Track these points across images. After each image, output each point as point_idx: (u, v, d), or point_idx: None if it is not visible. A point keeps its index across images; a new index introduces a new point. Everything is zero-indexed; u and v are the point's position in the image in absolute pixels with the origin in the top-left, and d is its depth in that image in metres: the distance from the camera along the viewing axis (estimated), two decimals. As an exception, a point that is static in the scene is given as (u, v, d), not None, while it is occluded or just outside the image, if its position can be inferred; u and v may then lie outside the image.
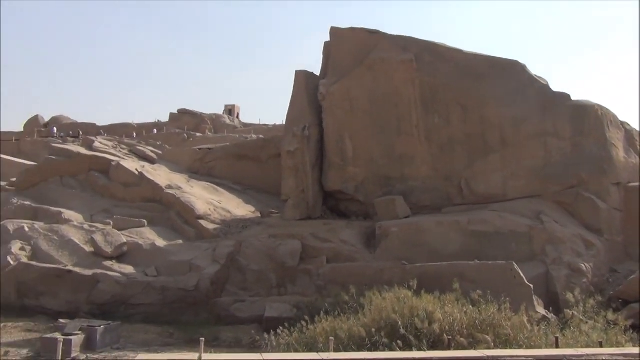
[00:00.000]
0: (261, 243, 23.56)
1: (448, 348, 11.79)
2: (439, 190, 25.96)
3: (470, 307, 13.94)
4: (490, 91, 25.31)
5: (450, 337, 12.31)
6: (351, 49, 27.47)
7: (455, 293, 14.74)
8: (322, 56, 29.45)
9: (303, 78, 29.01)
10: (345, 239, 23.76)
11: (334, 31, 28.48)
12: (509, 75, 25.62)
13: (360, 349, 12.30)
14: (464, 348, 11.82)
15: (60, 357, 11.72)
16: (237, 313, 20.61)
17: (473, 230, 22.66)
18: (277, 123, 54.72)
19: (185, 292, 21.25)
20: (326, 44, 29.14)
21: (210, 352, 9.85)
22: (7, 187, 32.99)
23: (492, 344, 12.09)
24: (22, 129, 60.89)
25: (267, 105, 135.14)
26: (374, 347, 12.34)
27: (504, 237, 22.20)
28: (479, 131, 25.40)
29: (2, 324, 19.36)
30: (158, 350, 16.63)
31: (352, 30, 28.04)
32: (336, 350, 11.81)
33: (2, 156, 45.34)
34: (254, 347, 16.43)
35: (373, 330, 12.77)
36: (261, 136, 41.25)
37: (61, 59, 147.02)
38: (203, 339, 11.25)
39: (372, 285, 17.48)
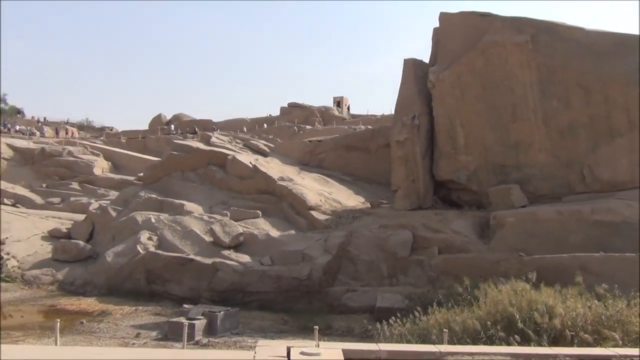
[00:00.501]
0: (372, 233, 23.59)
1: (571, 345, 11.13)
2: (558, 178, 24.54)
3: (595, 301, 13.06)
4: (616, 70, 23.43)
5: (573, 333, 11.61)
6: (461, 33, 26.63)
7: (578, 287, 13.87)
8: (431, 43, 28.83)
9: (412, 66, 28.57)
10: (458, 229, 23.19)
11: (443, 17, 27.74)
12: (635, 52, 23.58)
13: (475, 342, 11.95)
14: (588, 345, 11.11)
15: (185, 340, 12.48)
16: (348, 302, 20.83)
17: (597, 220, 21.17)
18: (385, 113, 54.41)
19: (299, 281, 21.79)
20: (435, 30, 28.47)
21: (324, 340, 10.02)
22: (135, 181, 35.68)
23: (620, 342, 11.26)
24: (147, 127, 65.38)
25: (375, 95, 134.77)
26: (490, 341, 11.93)
27: (632, 228, 20.53)
28: (603, 113, 23.64)
29: (134, 308, 21.03)
30: (274, 337, 17.21)
31: (462, 14, 27.16)
32: (450, 342, 11.57)
33: (131, 153, 49.06)
34: (365, 337, 16.51)
35: (488, 323, 12.34)
36: (370, 127, 41.21)
37: (181, 61, 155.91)
38: (317, 327, 11.47)
39: (486, 277, 16.89)
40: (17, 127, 57.86)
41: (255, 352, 7.31)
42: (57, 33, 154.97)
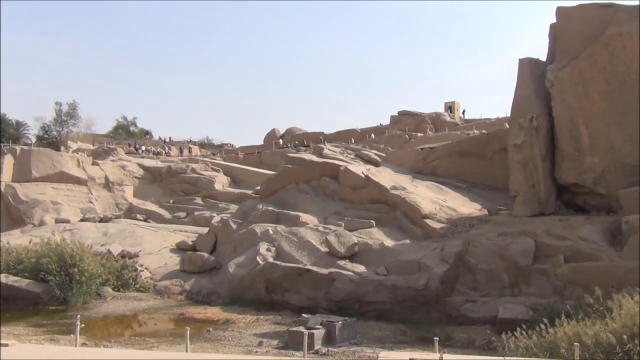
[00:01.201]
0: (490, 242, 22.74)
1: None
2: (700, 177, 22.25)
3: None
4: None
5: None
6: (582, 27, 25.08)
7: None
8: (547, 40, 27.42)
9: (527, 65, 27.33)
10: (585, 236, 21.71)
11: (561, 11, 26.30)
12: None
13: (609, 357, 11.13)
14: None
15: (306, 349, 12.73)
16: (468, 313, 20.19)
17: None
18: (500, 116, 52.41)
19: (415, 291, 21.46)
20: (552, 26, 27.05)
21: (444, 352, 9.79)
22: (253, 194, 37.10)
23: None
24: (262, 142, 67.92)
25: (488, 99, 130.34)
26: (627, 356, 11.04)
27: None
28: None
29: (255, 317, 21.81)
30: (392, 348, 17.07)
31: (582, 6, 25.58)
32: (581, 357, 10.86)
33: (248, 167, 51.16)
34: (488, 349, 15.91)
35: (625, 337, 11.43)
36: (484, 131, 39.89)
37: (291, 75, 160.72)
38: (437, 338, 11.27)
39: (620, 286, 15.69)
40: (144, 148, 62.43)
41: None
42: (177, 59, 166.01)
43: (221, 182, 47.12)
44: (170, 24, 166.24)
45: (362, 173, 30.74)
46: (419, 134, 50.59)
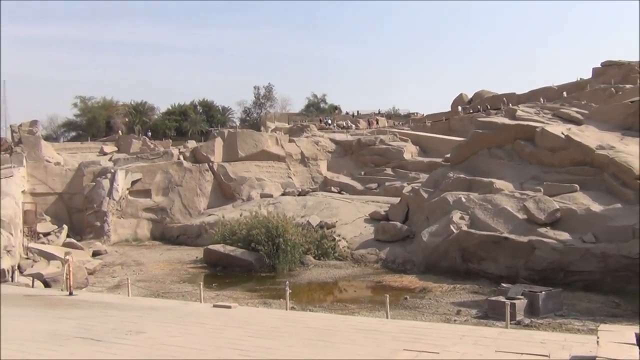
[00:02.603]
0: None
1: None
2: None
3: None
4: None
5: None
6: None
7: None
8: None
9: None
10: None
11: None
12: None
13: None
14: None
15: (508, 319, 12.29)
16: (698, 285, 17.76)
17: None
18: None
19: (630, 259, 19.45)
20: None
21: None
22: (442, 162, 36.46)
23: None
24: (449, 109, 66.25)
25: None
26: None
27: None
28: None
29: (452, 286, 21.62)
30: (604, 321, 15.70)
31: None
32: None
33: (436, 135, 50.41)
34: None
35: None
36: None
37: (476, 37, 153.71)
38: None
39: None
40: (334, 123, 64.73)
41: (598, 337, 6.82)
42: (362, 33, 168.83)
43: (410, 152, 47.15)
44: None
45: (562, 133, 28.39)
46: (628, 86, 45.13)
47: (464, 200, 26.72)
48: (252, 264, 26.42)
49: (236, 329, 11.15)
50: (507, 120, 32.83)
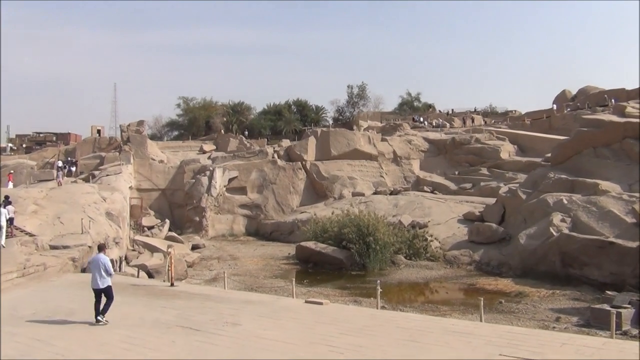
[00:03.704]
0: None
1: None
2: None
3: None
4: None
5: None
6: None
7: None
8: None
9: None
10: None
11: None
12: None
13: None
14: None
15: (613, 329, 11.56)
16: None
17: None
18: None
19: None
20: None
21: None
22: (542, 162, 34.92)
23: None
24: (551, 106, 63.12)
25: None
26: None
27: None
28: None
29: (551, 291, 20.64)
30: None
31: None
32: None
33: (536, 134, 48.27)
34: None
35: None
36: None
37: (576, 29, 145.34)
38: None
39: None
40: (427, 122, 63.59)
41: None
42: (454, 34, 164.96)
43: (507, 151, 45.52)
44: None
45: (677, 132, 26.32)
46: None
47: (565, 201, 25.45)
48: (342, 262, 26.59)
49: (328, 326, 11.28)
50: (615, 118, 30.89)
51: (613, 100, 49.04)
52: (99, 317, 11.27)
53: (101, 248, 12.19)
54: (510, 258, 25.24)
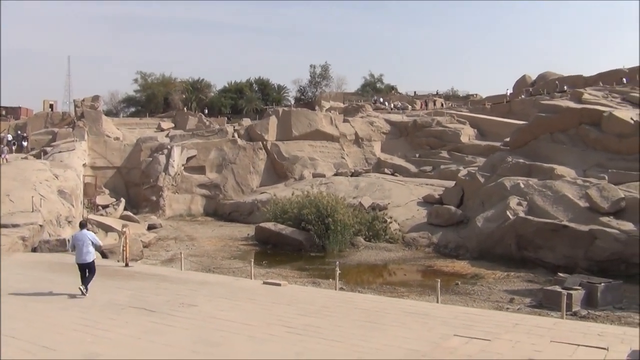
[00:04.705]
0: None
1: None
2: None
3: None
4: None
5: None
6: None
7: None
8: None
9: None
10: None
11: None
12: None
13: None
14: None
15: (564, 310, 11.98)
16: None
17: None
18: None
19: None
20: None
21: None
22: (501, 147, 35.64)
23: None
24: (511, 91, 64.28)
25: None
26: None
27: None
28: None
29: (505, 273, 21.23)
30: (669, 316, 15.11)
31: None
32: None
33: (495, 118, 49.17)
34: None
35: None
36: None
37: (541, 17, 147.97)
38: None
39: None
40: (394, 104, 63.94)
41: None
42: (418, 16, 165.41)
43: (467, 135, 46.26)
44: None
45: (631, 118, 27.23)
46: None
47: (522, 185, 26.08)
48: (302, 243, 26.69)
49: (285, 307, 11.33)
50: (572, 104, 31.75)
51: (572, 84, 50.20)
52: (81, 287, 11.96)
53: (83, 225, 12.91)
54: (467, 240, 25.79)
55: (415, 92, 75.00)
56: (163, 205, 38.85)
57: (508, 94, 60.22)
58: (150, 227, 32.88)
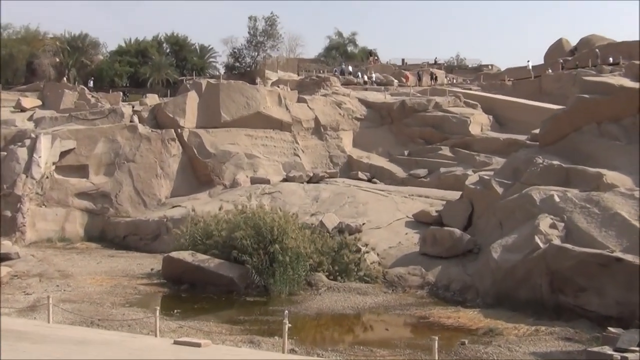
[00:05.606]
0: None
1: None
2: None
3: None
4: None
5: None
6: None
7: None
8: None
9: None
10: None
11: None
12: None
13: None
14: None
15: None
16: None
17: None
18: None
19: None
20: None
21: None
22: (528, 141, 36.20)
23: None
24: (542, 61, 65.63)
25: None
26: None
27: None
28: None
29: (533, 327, 21.47)
30: None
31: None
32: None
33: (520, 100, 50.01)
34: None
35: None
36: None
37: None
38: None
39: None
40: (372, 76, 64.30)
41: None
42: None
43: (479, 123, 46.93)
44: None
45: None
46: None
47: (557, 199, 26.50)
48: (233, 282, 26.53)
49: (206, 379, 11.20)
50: (628, 82, 32.43)
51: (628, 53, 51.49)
52: None
53: None
54: (478, 279, 26.04)
55: (404, 61, 75.89)
56: (22, 225, 38.06)
57: (530, 67, 61.29)
58: (3, 259, 32.16)
